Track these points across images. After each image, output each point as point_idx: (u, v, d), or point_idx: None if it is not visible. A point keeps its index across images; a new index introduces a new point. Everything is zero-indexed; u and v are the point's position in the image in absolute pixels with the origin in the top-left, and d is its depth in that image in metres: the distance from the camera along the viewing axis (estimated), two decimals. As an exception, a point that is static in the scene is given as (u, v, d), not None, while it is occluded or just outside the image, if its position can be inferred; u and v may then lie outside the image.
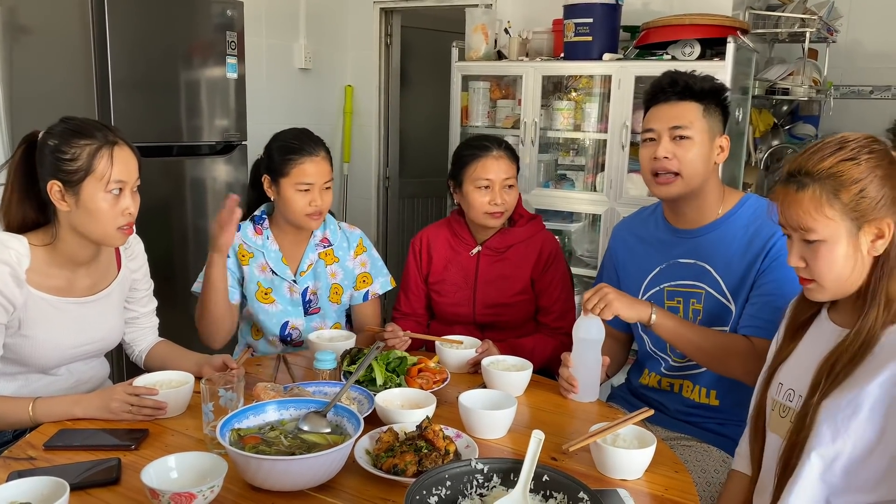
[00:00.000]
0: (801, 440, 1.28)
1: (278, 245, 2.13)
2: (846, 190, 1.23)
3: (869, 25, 3.93)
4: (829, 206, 1.24)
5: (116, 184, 1.60)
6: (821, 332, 1.37)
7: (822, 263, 1.27)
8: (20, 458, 1.39)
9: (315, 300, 2.15)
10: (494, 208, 2.13)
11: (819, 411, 1.26)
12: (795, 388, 1.35)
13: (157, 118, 2.86)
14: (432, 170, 4.41)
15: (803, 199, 1.26)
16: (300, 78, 4.09)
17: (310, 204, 2.03)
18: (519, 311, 2.21)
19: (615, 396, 2.06)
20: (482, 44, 3.37)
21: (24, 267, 1.59)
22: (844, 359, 1.26)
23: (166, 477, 1.24)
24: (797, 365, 1.38)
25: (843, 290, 1.30)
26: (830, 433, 1.25)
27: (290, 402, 1.45)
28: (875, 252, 1.26)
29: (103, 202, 1.60)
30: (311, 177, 2.02)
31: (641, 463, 1.39)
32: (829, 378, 1.27)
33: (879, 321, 1.25)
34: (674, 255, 1.87)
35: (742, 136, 3.14)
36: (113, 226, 1.62)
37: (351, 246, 2.20)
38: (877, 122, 3.95)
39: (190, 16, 2.92)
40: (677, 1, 3.25)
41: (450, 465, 1.23)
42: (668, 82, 1.80)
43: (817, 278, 1.29)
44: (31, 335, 1.64)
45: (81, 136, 1.60)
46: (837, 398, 1.25)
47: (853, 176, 1.23)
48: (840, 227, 1.25)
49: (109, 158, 1.59)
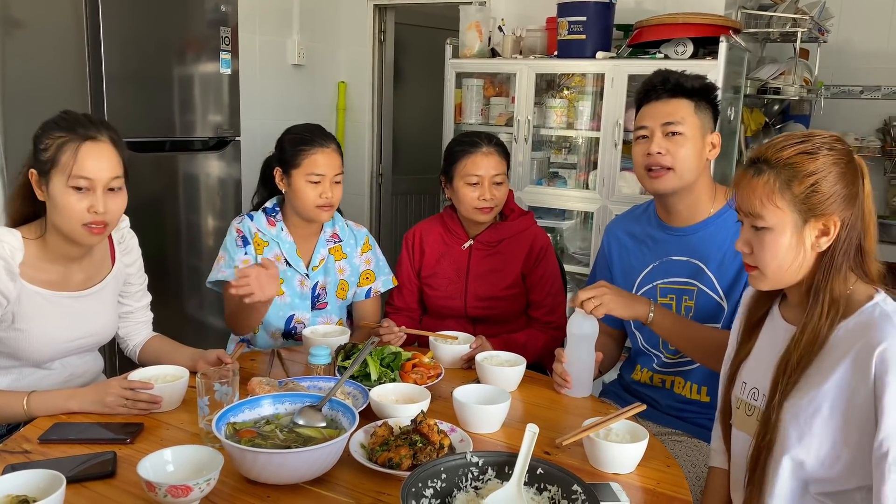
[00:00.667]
0: (769, 442, 1.30)
1: (292, 238, 2.15)
2: (799, 181, 1.25)
3: (859, 26, 3.97)
4: (780, 196, 1.26)
5: (79, 179, 1.58)
6: (774, 330, 1.39)
7: (766, 251, 1.29)
8: (15, 451, 1.39)
9: (323, 295, 2.17)
10: (483, 203, 2.14)
11: (782, 412, 1.28)
12: (759, 388, 1.37)
13: (151, 113, 2.85)
14: (425, 166, 4.42)
15: (758, 184, 1.28)
16: (293, 74, 4.09)
17: (320, 195, 2.05)
18: (510, 304, 2.22)
19: (607, 392, 2.08)
20: (476, 41, 3.38)
21: (17, 260, 1.59)
22: (795, 358, 1.27)
23: (162, 470, 1.25)
24: (757, 363, 1.40)
25: (783, 281, 1.32)
26: (796, 434, 1.27)
27: (286, 396, 1.46)
28: (818, 248, 1.28)
29: (66, 196, 1.58)
30: (322, 168, 2.04)
31: (634, 457, 1.40)
32: (785, 377, 1.28)
33: (825, 319, 1.26)
34: (667, 253, 1.89)
35: (734, 134, 3.16)
36: (77, 222, 1.59)
37: (358, 243, 2.23)
38: (867, 122, 3.99)
39: (184, 11, 2.91)
40: (670, 0, 3.27)
41: (445, 458, 1.24)
42: (659, 80, 1.82)
43: (760, 266, 1.31)
44: (25, 329, 1.64)
45: (60, 129, 1.60)
46: (798, 399, 1.27)
47: (808, 169, 1.25)
48: (787, 217, 1.27)
49: (74, 153, 1.57)
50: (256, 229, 2.13)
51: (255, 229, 2.13)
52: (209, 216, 3.15)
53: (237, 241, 2.11)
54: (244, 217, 2.15)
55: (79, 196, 1.59)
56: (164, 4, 2.84)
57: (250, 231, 2.12)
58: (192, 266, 3.02)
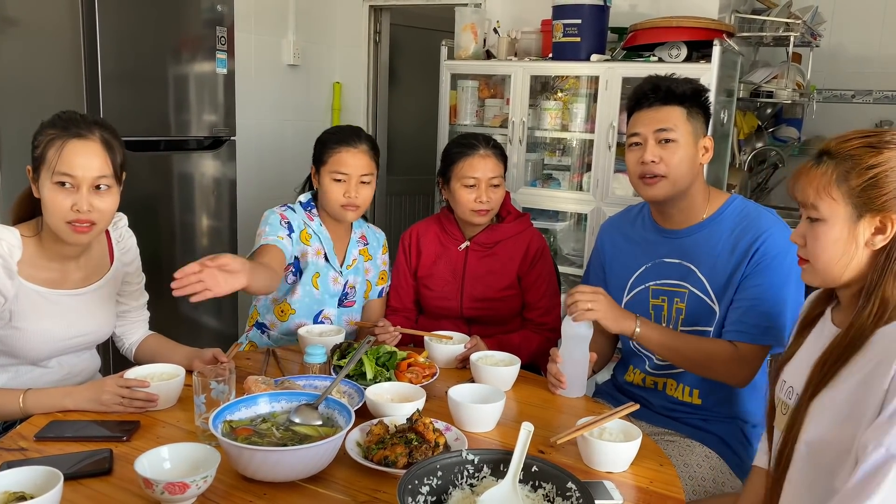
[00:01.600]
0: (793, 437, 1.29)
1: (329, 234, 2.18)
2: (857, 174, 1.21)
3: (852, 30, 4.00)
4: (836, 187, 1.23)
5: (62, 176, 1.58)
6: (821, 332, 1.37)
7: (818, 243, 1.26)
8: (11, 448, 1.39)
9: (352, 294, 2.22)
10: (480, 206, 2.16)
11: (809, 408, 1.27)
12: (794, 386, 1.36)
13: (146, 112, 2.85)
14: (420, 167, 4.43)
15: (816, 174, 1.26)
16: (288, 74, 4.09)
17: (344, 195, 2.08)
18: (505, 305, 2.24)
19: (601, 392, 2.09)
20: (471, 43, 3.39)
21: (15, 258, 1.60)
22: (834, 357, 1.25)
23: (160, 467, 1.25)
24: (799, 363, 1.39)
25: (832, 277, 1.28)
26: (814, 428, 1.26)
27: (282, 394, 1.47)
28: (873, 246, 1.23)
29: (51, 193, 1.59)
30: (347, 167, 2.07)
31: (627, 456, 1.41)
32: (819, 377, 1.27)
33: (871, 320, 1.22)
34: (660, 255, 1.90)
35: (727, 137, 3.18)
36: (61, 219, 1.60)
37: (379, 245, 2.31)
38: (859, 126, 3.87)
39: (180, 10, 2.92)
40: (664, 3, 3.29)
41: (441, 455, 1.25)
42: (650, 88, 1.83)
43: (811, 258, 1.29)
44: (22, 327, 1.64)
45: (53, 126, 1.61)
46: (823, 396, 1.26)
47: (869, 162, 1.21)
48: (840, 209, 1.23)
49: (59, 149, 1.58)
50: (302, 221, 2.15)
51: (302, 222, 2.14)
52: (204, 216, 3.15)
53: (281, 222, 2.10)
54: (288, 207, 2.16)
55: (64, 193, 1.59)
56: (161, 4, 2.84)
57: (298, 222, 2.13)
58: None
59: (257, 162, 3.87)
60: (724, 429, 1.85)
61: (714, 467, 1.77)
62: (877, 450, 1.13)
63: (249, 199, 3.51)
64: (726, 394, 1.86)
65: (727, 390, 1.86)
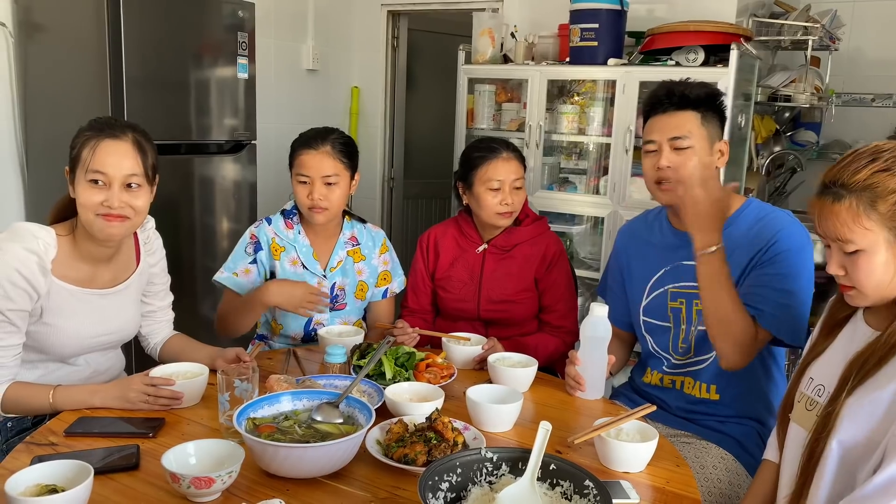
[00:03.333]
0: (826, 435, 1.31)
1: (309, 241, 2.18)
2: (883, 200, 1.25)
3: (871, 34, 3.98)
4: (867, 218, 1.26)
5: (95, 174, 1.64)
6: (854, 333, 1.40)
7: (862, 273, 1.29)
8: (42, 443, 1.44)
9: (342, 296, 2.21)
10: (505, 208, 2.18)
11: (844, 408, 1.30)
12: (825, 385, 1.38)
13: (169, 116, 2.90)
14: (437, 171, 4.45)
15: (840, 210, 1.28)
16: (308, 79, 4.14)
17: (307, 196, 2.07)
18: (522, 308, 2.25)
19: (618, 394, 2.10)
20: (489, 47, 3.42)
21: (50, 257, 1.64)
22: (873, 359, 1.28)
23: (185, 462, 1.29)
24: (829, 362, 1.41)
25: (883, 296, 1.31)
26: (851, 427, 1.28)
27: (304, 393, 1.50)
28: None
29: (83, 189, 1.65)
30: (308, 169, 2.08)
31: (644, 456, 1.43)
32: (856, 376, 1.29)
33: None
34: (678, 258, 1.91)
35: (744, 141, 3.18)
36: (92, 212, 1.65)
37: (376, 245, 2.27)
38: (878, 130, 3.99)
39: (203, 17, 2.97)
40: (682, 8, 3.30)
41: (460, 453, 1.27)
42: (664, 94, 1.85)
43: (857, 286, 1.31)
44: (53, 323, 1.68)
45: (89, 129, 1.68)
46: (860, 396, 1.28)
47: (889, 186, 1.25)
48: (878, 236, 1.27)
49: (92, 149, 1.64)
50: (273, 234, 2.16)
51: (272, 234, 2.16)
52: (224, 218, 3.20)
53: (248, 247, 2.15)
54: (262, 222, 2.19)
55: (96, 190, 1.64)
56: (184, 11, 2.89)
57: (266, 237, 2.16)
58: (206, 267, 3.06)
59: (277, 165, 3.88)
60: (740, 431, 1.86)
61: (730, 469, 1.78)
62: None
63: (269, 202, 3.54)
64: (742, 388, 1.87)
65: (743, 385, 1.86)
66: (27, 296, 1.61)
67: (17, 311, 1.61)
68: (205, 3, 2.97)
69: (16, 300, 1.60)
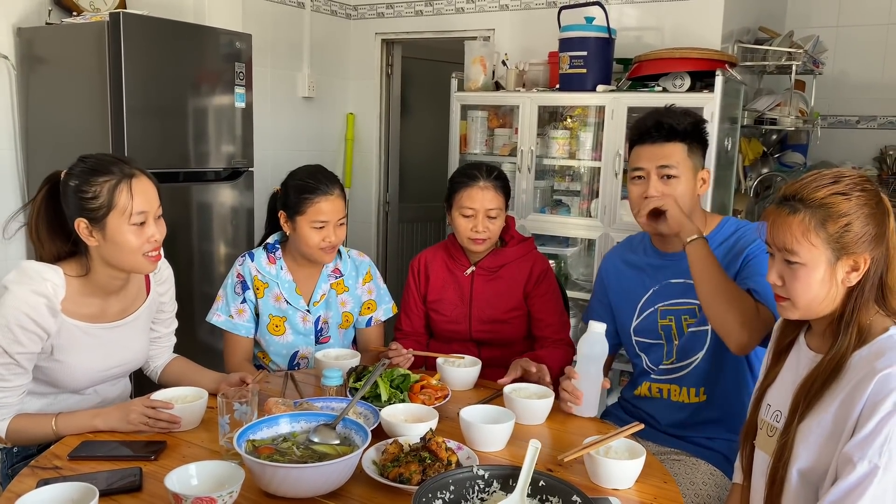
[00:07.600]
0: (784, 463, 1.37)
1: (291, 276, 2.21)
2: (833, 221, 1.31)
3: (854, 58, 4.07)
4: (815, 234, 1.32)
5: (139, 215, 1.67)
6: (799, 357, 1.45)
7: (799, 285, 1.35)
8: (47, 467, 1.47)
9: (326, 328, 2.24)
10: (476, 235, 2.23)
11: (797, 434, 1.35)
12: (781, 410, 1.43)
13: (168, 144, 2.96)
14: (431, 195, 4.51)
15: (793, 222, 1.34)
16: (304, 106, 4.21)
17: (324, 239, 2.11)
18: (513, 327, 2.30)
19: (608, 414, 2.14)
20: (480, 75, 3.50)
21: (59, 298, 1.66)
22: (818, 384, 1.33)
23: (187, 483, 1.32)
24: (781, 388, 1.46)
25: (813, 312, 1.38)
26: (805, 453, 1.34)
27: (302, 415, 1.54)
28: (848, 283, 1.34)
29: (129, 234, 1.67)
30: (326, 215, 2.10)
31: (632, 473, 1.47)
32: (804, 403, 1.35)
33: (850, 348, 1.32)
34: (665, 277, 1.97)
35: (732, 164, 3.25)
36: (139, 253, 1.69)
37: (360, 274, 2.29)
38: (864, 151, 4.08)
39: (201, 47, 3.04)
40: (669, 34, 3.39)
41: (453, 471, 1.31)
42: (653, 125, 1.91)
43: (792, 297, 1.38)
44: (63, 360, 1.71)
45: (100, 174, 1.66)
46: (809, 421, 1.34)
47: (842, 210, 1.31)
48: (822, 254, 1.33)
49: (129, 192, 1.66)
50: (256, 270, 2.18)
51: (255, 271, 2.18)
52: (222, 245, 3.25)
53: (236, 287, 2.17)
54: (245, 258, 2.20)
55: (139, 230, 1.68)
56: (183, 41, 2.96)
57: (250, 274, 2.17)
58: (204, 293, 3.10)
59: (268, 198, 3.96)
60: (728, 447, 1.90)
61: (719, 485, 1.82)
62: (861, 462, 1.20)
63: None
64: (728, 385, 1.92)
65: (728, 382, 1.91)
66: (37, 338, 1.64)
67: (25, 354, 1.64)
68: (203, 34, 3.05)
69: (25, 344, 1.62)
